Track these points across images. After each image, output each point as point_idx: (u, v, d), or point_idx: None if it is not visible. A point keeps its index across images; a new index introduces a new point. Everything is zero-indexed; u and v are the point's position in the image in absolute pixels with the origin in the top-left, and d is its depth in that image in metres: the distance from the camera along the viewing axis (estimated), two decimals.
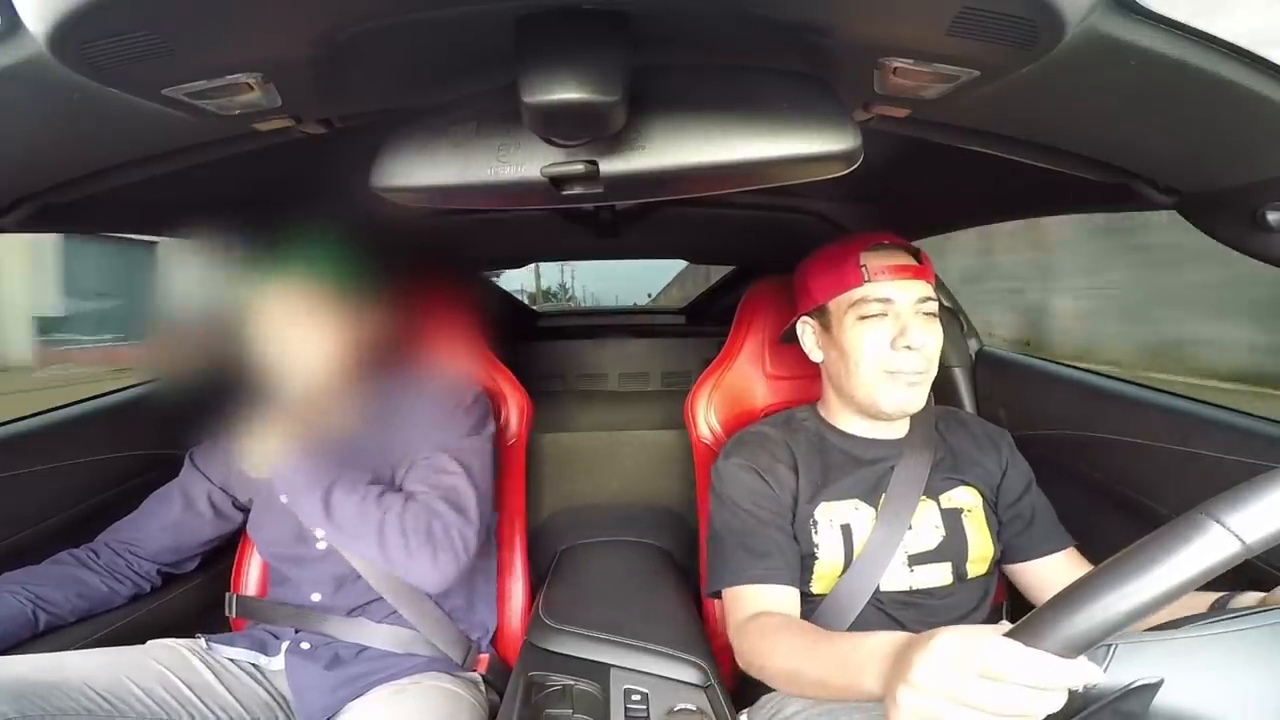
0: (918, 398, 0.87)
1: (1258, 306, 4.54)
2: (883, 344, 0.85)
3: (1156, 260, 5.30)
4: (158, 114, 0.51)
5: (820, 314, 0.92)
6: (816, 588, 0.90)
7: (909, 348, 0.84)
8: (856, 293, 0.86)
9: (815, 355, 0.95)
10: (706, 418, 1.14)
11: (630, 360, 2.07)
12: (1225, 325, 4.87)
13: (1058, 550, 0.90)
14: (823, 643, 0.67)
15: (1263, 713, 0.41)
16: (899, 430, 0.95)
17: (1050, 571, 0.90)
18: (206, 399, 0.93)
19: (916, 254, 0.89)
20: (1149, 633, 0.44)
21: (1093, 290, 6.03)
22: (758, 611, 0.83)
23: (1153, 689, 0.41)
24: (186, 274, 0.97)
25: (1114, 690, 0.42)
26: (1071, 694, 0.42)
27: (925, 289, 0.87)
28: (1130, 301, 5.63)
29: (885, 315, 0.86)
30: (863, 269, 0.86)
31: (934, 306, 0.88)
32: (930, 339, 0.86)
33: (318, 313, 0.84)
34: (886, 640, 0.56)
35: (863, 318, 0.86)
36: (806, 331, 0.95)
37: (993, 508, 0.93)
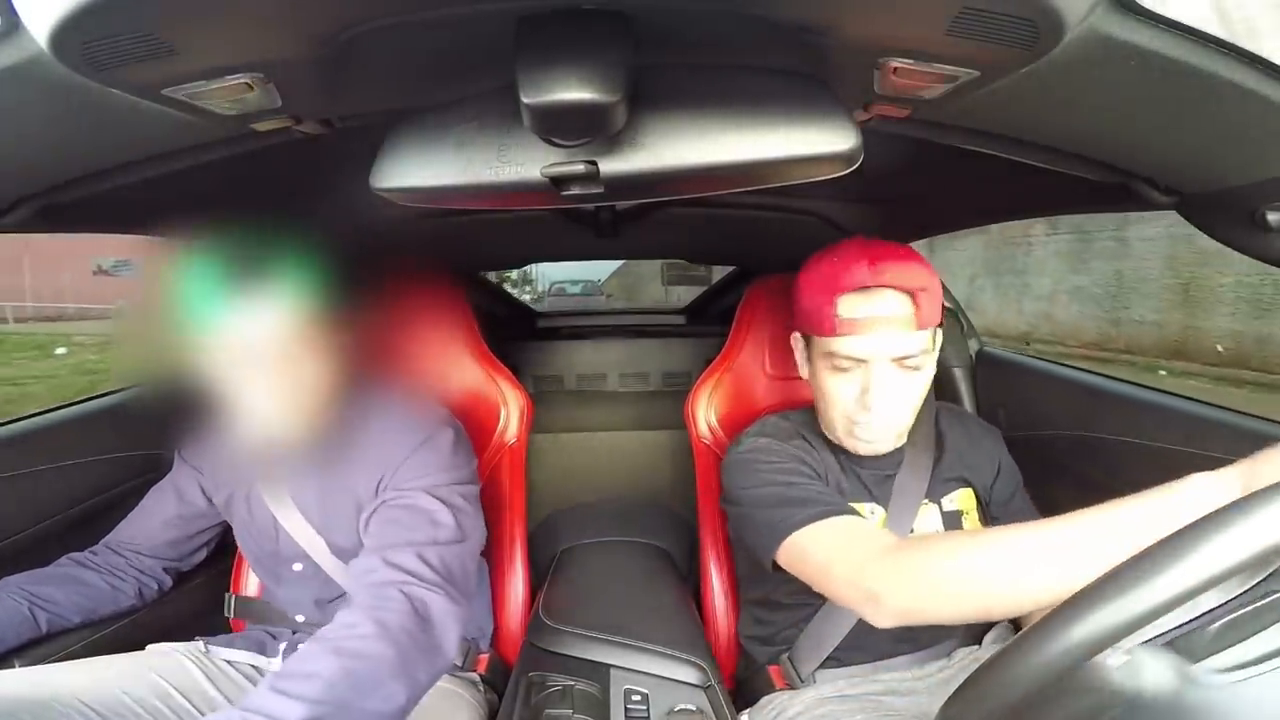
0: (886, 443, 0.85)
1: None
2: (850, 398, 0.81)
3: None
4: (158, 114, 0.51)
5: (805, 337, 0.89)
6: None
7: (868, 409, 0.80)
8: (829, 344, 0.81)
9: (803, 371, 0.92)
10: (707, 418, 1.14)
11: (630, 360, 2.07)
12: None
13: None
14: (1047, 531, 0.55)
15: None
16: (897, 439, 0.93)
17: None
18: (184, 402, 0.92)
19: (911, 294, 0.78)
20: None
21: None
22: (888, 540, 0.69)
23: None
24: (185, 274, 0.97)
25: None
26: None
27: (905, 342, 0.77)
28: None
29: (855, 370, 0.80)
30: (837, 319, 0.78)
31: (915, 361, 0.79)
32: (901, 395, 0.80)
33: (321, 313, 0.83)
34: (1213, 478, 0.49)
35: (834, 368, 0.82)
36: (799, 346, 0.92)
37: (985, 507, 0.93)
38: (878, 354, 0.78)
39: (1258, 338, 3.94)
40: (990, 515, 0.93)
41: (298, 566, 0.91)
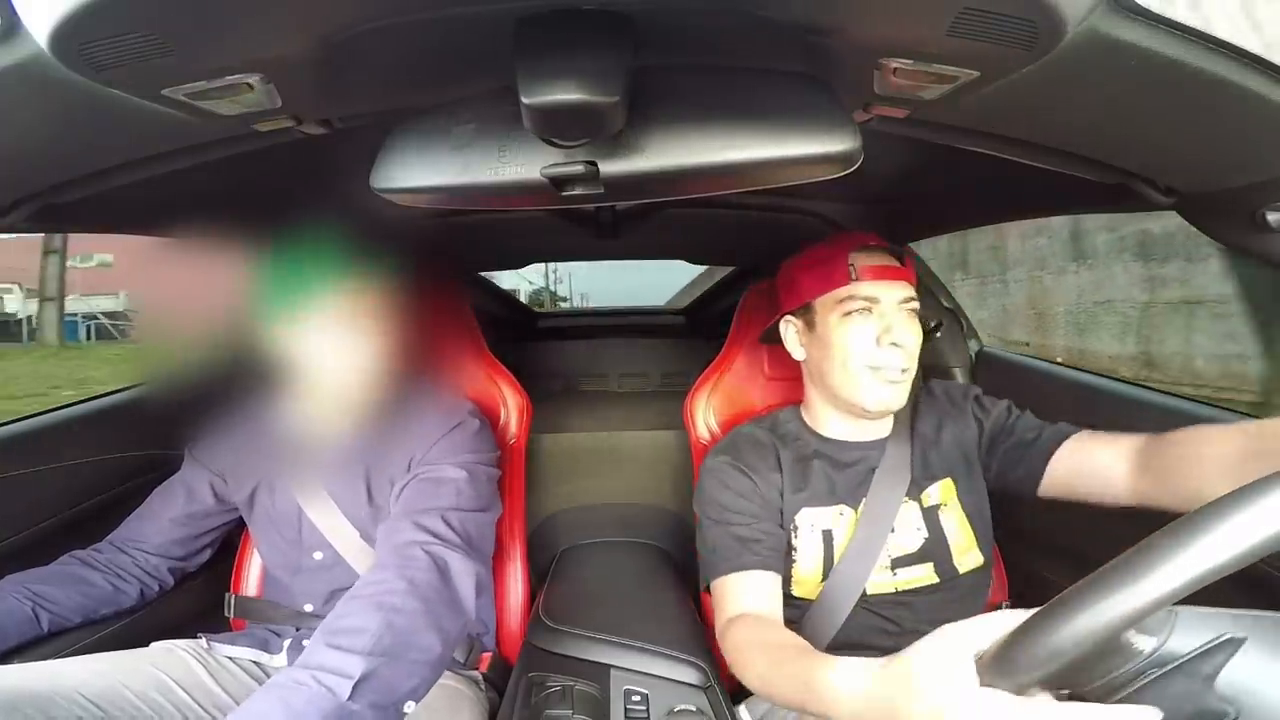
0: (899, 395, 0.88)
1: None
2: (868, 340, 0.86)
3: None
4: (158, 114, 0.51)
5: (805, 312, 0.93)
6: (799, 591, 0.90)
7: (894, 344, 0.85)
8: (843, 291, 0.87)
9: (798, 353, 0.96)
10: (705, 418, 1.14)
11: (630, 361, 2.07)
12: None
13: (1065, 438, 0.87)
14: (787, 663, 0.67)
15: None
16: (881, 430, 0.95)
17: (1076, 456, 0.85)
18: (201, 399, 0.94)
19: (900, 256, 0.90)
20: (1209, 608, 0.41)
21: None
22: (736, 614, 0.82)
23: (1233, 645, 0.38)
24: (186, 274, 0.97)
25: (1185, 651, 0.39)
26: (1136, 653, 0.39)
27: (908, 289, 0.88)
28: None
29: (870, 312, 0.87)
30: (850, 268, 0.87)
31: (916, 305, 0.89)
32: (912, 337, 0.87)
33: (312, 315, 0.84)
34: (852, 671, 0.56)
35: (848, 314, 0.87)
36: (790, 330, 0.96)
37: (965, 494, 0.91)
38: (890, 295, 0.87)
39: (1079, 350, 5.68)
40: (977, 490, 0.92)
41: (318, 555, 0.92)
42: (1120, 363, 5.23)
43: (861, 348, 0.86)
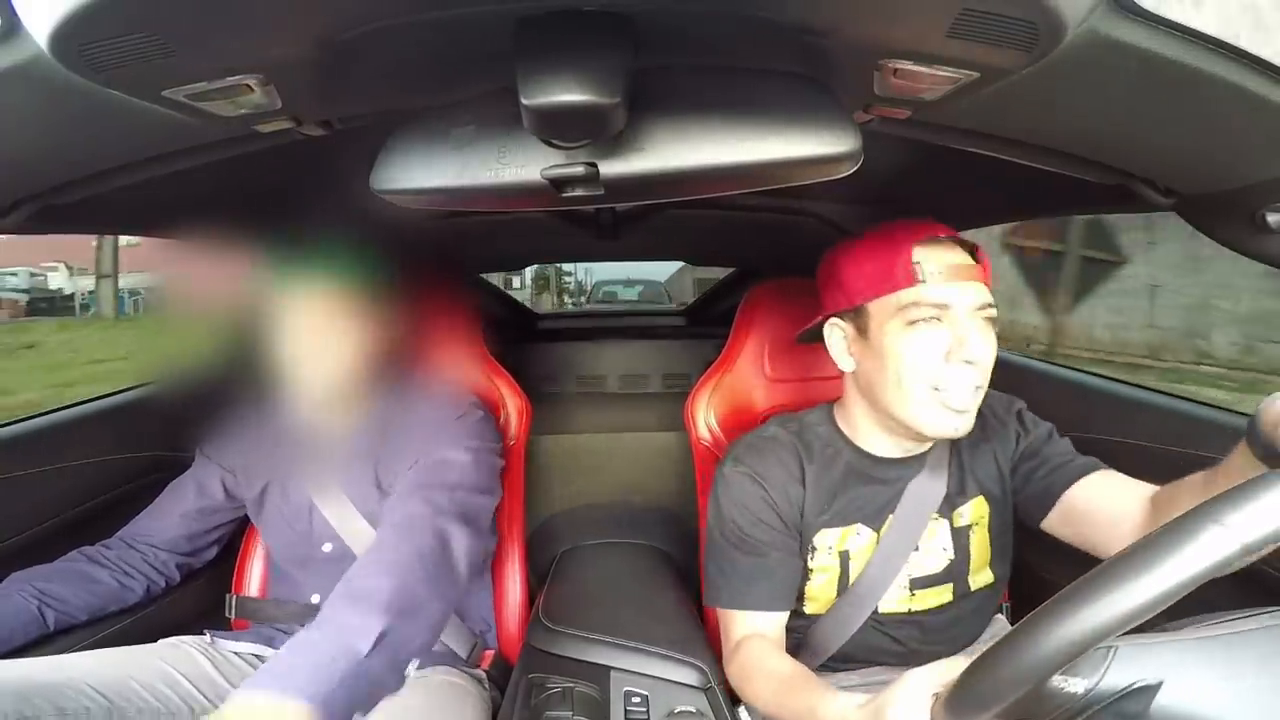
0: (967, 423, 0.75)
1: None
2: (935, 355, 0.73)
3: None
4: (158, 115, 0.51)
5: (856, 315, 0.80)
6: (810, 608, 0.88)
7: (968, 361, 0.72)
8: (908, 295, 0.73)
9: (845, 363, 0.83)
10: (706, 419, 1.14)
11: (630, 362, 2.07)
12: None
13: (1088, 473, 0.80)
14: (792, 693, 0.70)
15: (1264, 715, 0.41)
16: (925, 445, 0.85)
17: (1092, 492, 0.78)
18: (210, 398, 0.94)
19: (973, 251, 0.77)
20: (1150, 634, 0.44)
21: None
22: (744, 636, 0.82)
23: (1152, 691, 0.41)
24: (189, 274, 0.97)
25: (1113, 692, 0.42)
26: (1070, 696, 0.42)
27: (985, 293, 0.75)
28: None
29: (939, 321, 0.73)
30: (916, 267, 0.73)
31: (993, 312, 0.76)
32: (988, 351, 0.74)
33: (318, 314, 0.84)
34: (844, 705, 0.61)
35: (912, 323, 0.74)
36: (836, 335, 0.83)
37: (1001, 508, 0.87)
38: (963, 300, 0.73)
39: (1009, 321, 6.74)
40: (1006, 508, 0.87)
41: (327, 547, 0.94)
42: (1041, 332, 6.93)
43: (926, 364, 0.73)
